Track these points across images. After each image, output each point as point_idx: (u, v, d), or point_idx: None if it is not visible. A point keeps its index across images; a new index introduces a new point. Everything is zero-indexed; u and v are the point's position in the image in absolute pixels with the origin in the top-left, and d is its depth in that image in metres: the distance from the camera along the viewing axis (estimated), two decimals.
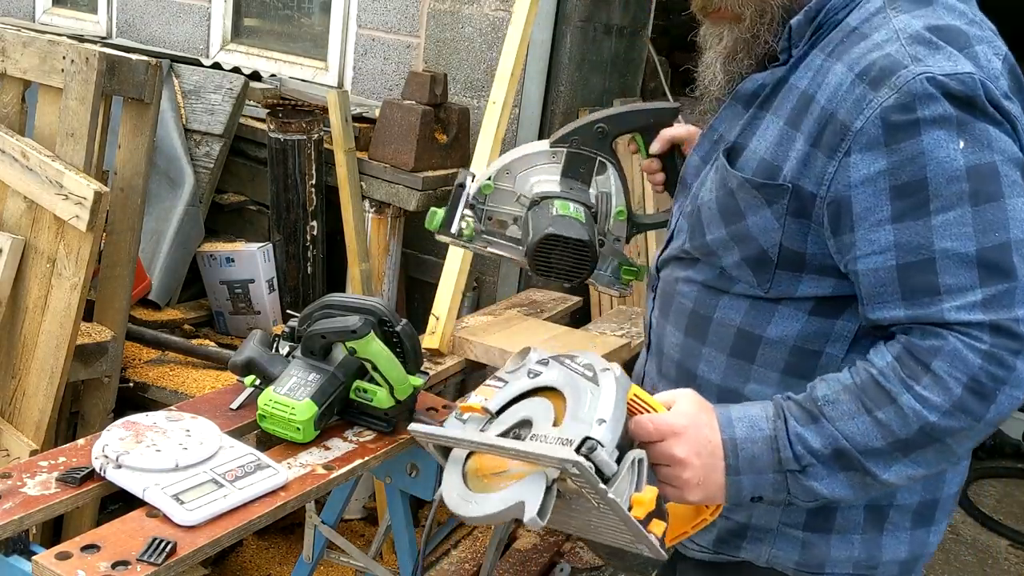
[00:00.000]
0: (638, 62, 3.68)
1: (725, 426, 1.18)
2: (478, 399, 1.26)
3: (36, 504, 1.30)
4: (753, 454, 1.17)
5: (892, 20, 1.17)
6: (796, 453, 1.15)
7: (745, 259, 1.27)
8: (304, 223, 3.17)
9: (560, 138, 1.59)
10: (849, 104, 1.13)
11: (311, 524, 2.06)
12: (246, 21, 4.07)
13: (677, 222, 1.42)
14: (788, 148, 1.20)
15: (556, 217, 1.51)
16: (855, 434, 1.13)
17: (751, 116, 1.28)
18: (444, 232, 1.63)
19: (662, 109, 1.60)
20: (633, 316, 2.84)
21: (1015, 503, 3.98)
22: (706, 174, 1.34)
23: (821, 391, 1.17)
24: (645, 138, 1.59)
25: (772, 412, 1.18)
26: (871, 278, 1.14)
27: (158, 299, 3.06)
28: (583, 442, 1.07)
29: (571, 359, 1.22)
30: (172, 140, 3.24)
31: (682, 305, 1.38)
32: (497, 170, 1.62)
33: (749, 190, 1.23)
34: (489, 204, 1.63)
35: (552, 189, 1.58)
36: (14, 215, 2.32)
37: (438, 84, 3.10)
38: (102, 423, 2.40)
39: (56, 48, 2.27)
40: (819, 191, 1.17)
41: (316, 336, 1.59)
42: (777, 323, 1.28)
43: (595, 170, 1.60)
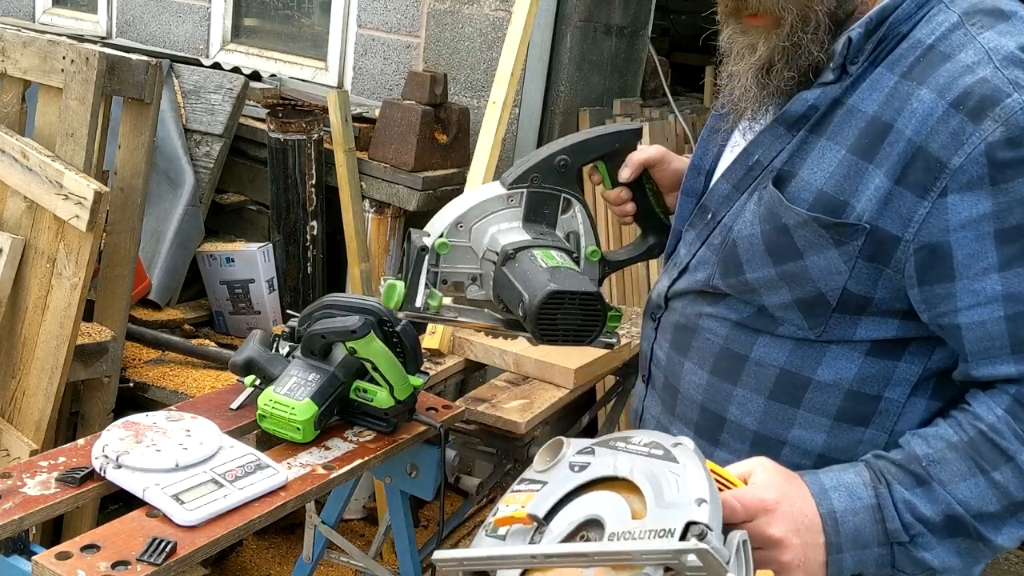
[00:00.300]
0: (638, 62, 3.68)
1: (820, 497, 1.04)
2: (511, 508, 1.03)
3: (36, 504, 1.30)
4: (856, 527, 1.03)
5: (976, 38, 1.04)
6: (905, 522, 1.03)
7: (797, 301, 1.13)
8: (304, 223, 3.17)
9: (518, 178, 1.38)
10: (944, 137, 1.00)
11: (311, 524, 2.06)
12: (246, 21, 4.07)
13: (697, 253, 1.26)
14: (858, 182, 1.05)
15: (552, 270, 1.29)
16: (969, 498, 1.02)
17: (800, 141, 1.12)
18: (408, 308, 1.37)
19: (625, 131, 1.43)
20: (633, 316, 2.83)
21: None
22: (742, 204, 1.18)
23: (921, 449, 1.05)
24: (609, 166, 1.43)
25: (869, 477, 1.05)
26: (976, 332, 1.04)
27: (158, 299, 3.06)
28: (687, 528, 0.89)
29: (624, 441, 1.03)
30: (172, 140, 3.24)
31: (708, 342, 1.24)
32: (449, 225, 1.39)
33: (815, 228, 1.08)
34: (443, 266, 1.39)
35: (520, 238, 1.36)
36: (14, 215, 2.32)
37: (438, 84, 3.10)
38: (102, 423, 2.40)
39: (56, 48, 2.27)
40: (904, 234, 1.04)
41: (316, 336, 1.59)
42: (829, 364, 1.15)
43: (560, 209, 1.41)
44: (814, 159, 1.11)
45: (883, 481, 1.05)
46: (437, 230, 1.39)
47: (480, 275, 1.41)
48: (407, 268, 1.37)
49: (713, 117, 1.35)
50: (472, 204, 1.39)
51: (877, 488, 1.04)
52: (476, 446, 2.24)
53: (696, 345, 1.26)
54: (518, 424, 2.08)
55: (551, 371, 2.29)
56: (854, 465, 1.08)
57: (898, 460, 1.06)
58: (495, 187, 1.41)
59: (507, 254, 1.34)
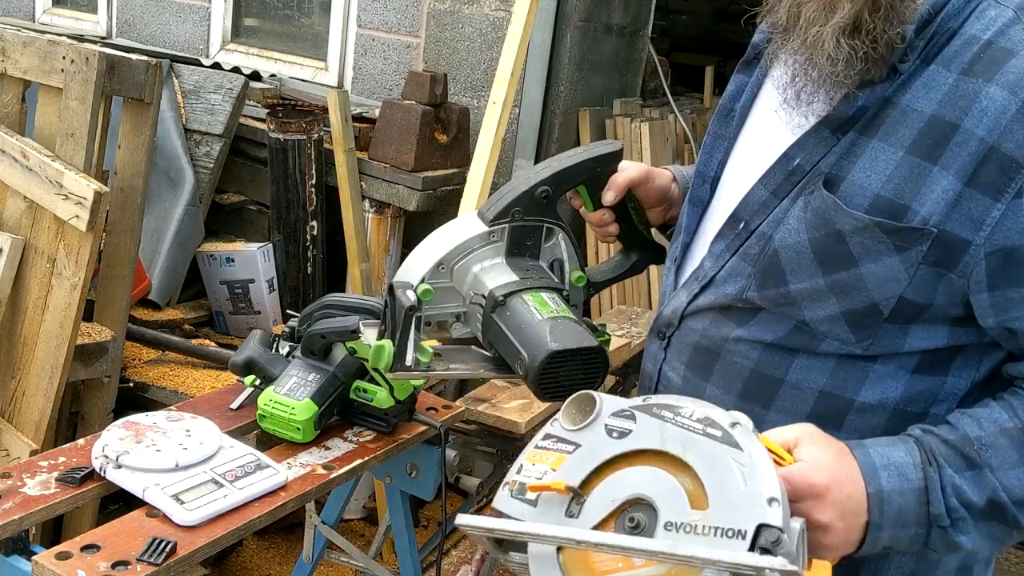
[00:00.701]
0: (638, 62, 3.68)
1: (870, 476, 1.00)
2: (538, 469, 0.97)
3: (36, 504, 1.30)
4: (900, 508, 1.00)
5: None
6: (949, 506, 1.01)
7: (845, 313, 1.07)
8: (304, 223, 3.17)
9: (499, 214, 1.33)
10: (1020, 137, 0.97)
11: (311, 524, 2.06)
12: (246, 21, 4.07)
13: (726, 265, 1.18)
14: (920, 184, 1.01)
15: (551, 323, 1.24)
16: (1015, 486, 1.00)
17: (848, 143, 1.06)
18: (399, 368, 1.30)
19: (606, 155, 1.36)
20: (633, 316, 2.83)
21: None
22: (784, 211, 1.11)
23: (973, 431, 1.02)
24: (590, 189, 1.37)
25: (920, 458, 1.02)
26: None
27: (158, 299, 3.06)
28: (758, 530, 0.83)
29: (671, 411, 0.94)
30: (172, 140, 3.24)
31: (736, 365, 1.17)
32: (430, 268, 1.33)
33: (875, 234, 1.03)
34: (425, 308, 1.32)
35: (506, 280, 1.31)
36: (14, 215, 2.32)
37: (438, 84, 3.10)
38: (102, 423, 2.40)
39: (56, 48, 2.27)
40: (975, 238, 1.00)
41: (316, 336, 1.59)
42: (873, 384, 1.10)
43: (543, 238, 1.37)
44: (866, 162, 1.05)
45: (933, 464, 1.01)
46: (417, 275, 1.33)
47: (464, 313, 1.36)
48: (394, 327, 1.29)
49: (714, 122, 1.30)
50: (452, 245, 1.34)
51: (927, 470, 1.01)
52: (476, 446, 2.24)
53: (721, 368, 1.19)
54: (518, 424, 2.08)
55: None
56: (904, 441, 1.04)
57: (951, 440, 1.02)
58: (474, 223, 1.35)
59: (496, 300, 1.29)
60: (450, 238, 1.35)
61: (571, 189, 1.37)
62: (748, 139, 1.22)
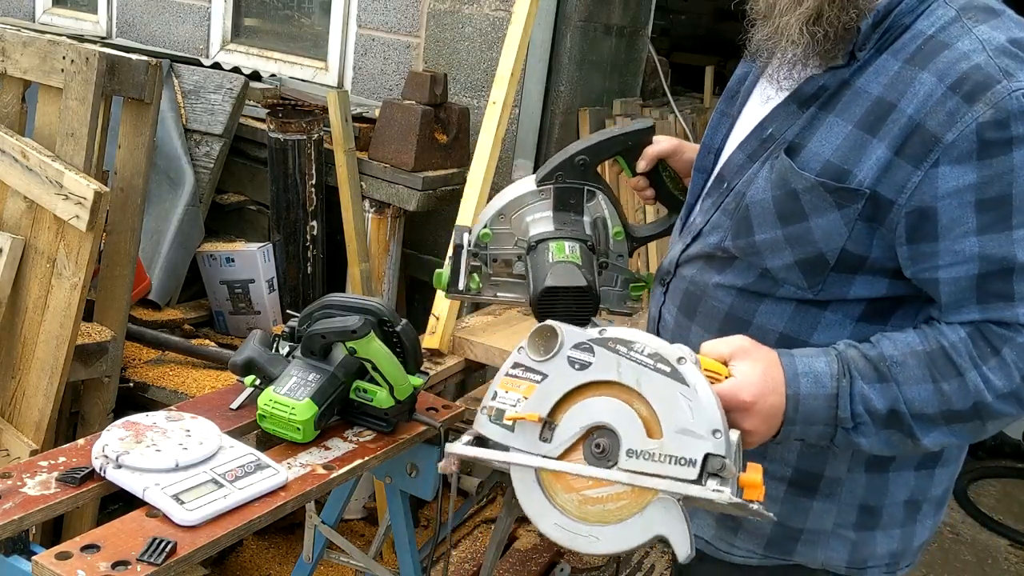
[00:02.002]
0: (638, 62, 3.68)
1: (791, 381, 1.19)
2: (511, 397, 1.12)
3: (36, 504, 1.30)
4: (812, 409, 1.19)
5: (972, 31, 1.16)
6: (854, 411, 1.18)
7: (799, 262, 1.25)
8: (304, 223, 3.17)
9: (545, 176, 1.61)
10: (941, 116, 1.12)
11: (311, 524, 2.06)
12: (246, 21, 4.07)
13: (710, 219, 1.38)
14: (861, 153, 1.18)
15: (553, 265, 1.51)
16: (915, 399, 1.17)
17: (810, 117, 1.25)
18: (453, 291, 1.65)
19: (639, 131, 1.61)
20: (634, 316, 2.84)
21: (1015, 503, 3.98)
22: (755, 172, 1.31)
23: (888, 350, 1.19)
24: (627, 159, 1.62)
25: (837, 368, 1.19)
26: (951, 287, 1.17)
27: (158, 299, 3.06)
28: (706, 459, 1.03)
29: (626, 345, 1.09)
30: (172, 140, 3.24)
31: (715, 308, 1.36)
32: (492, 216, 1.63)
33: (821, 193, 1.21)
34: (491, 249, 1.65)
35: (546, 229, 1.59)
36: (14, 215, 2.32)
37: (438, 84, 3.10)
38: (102, 423, 2.40)
39: (56, 48, 2.27)
40: (898, 199, 1.17)
41: (316, 336, 1.59)
42: (824, 330, 1.27)
43: (585, 198, 1.62)
44: (823, 133, 1.23)
45: (847, 375, 1.19)
46: (481, 221, 1.65)
47: (521, 254, 1.64)
48: (454, 258, 1.66)
49: (722, 101, 1.47)
50: (511, 198, 1.63)
51: (840, 381, 1.19)
52: None
53: (703, 311, 1.37)
54: None
55: None
56: (827, 352, 1.21)
57: (869, 355, 1.19)
58: (529, 183, 1.63)
59: (530, 245, 1.59)
60: (509, 193, 1.64)
61: (608, 159, 1.62)
62: (746, 115, 1.40)
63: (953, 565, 3.47)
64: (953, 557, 3.52)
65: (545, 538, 3.21)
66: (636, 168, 1.61)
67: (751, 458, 1.15)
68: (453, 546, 3.04)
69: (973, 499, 3.90)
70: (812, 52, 1.22)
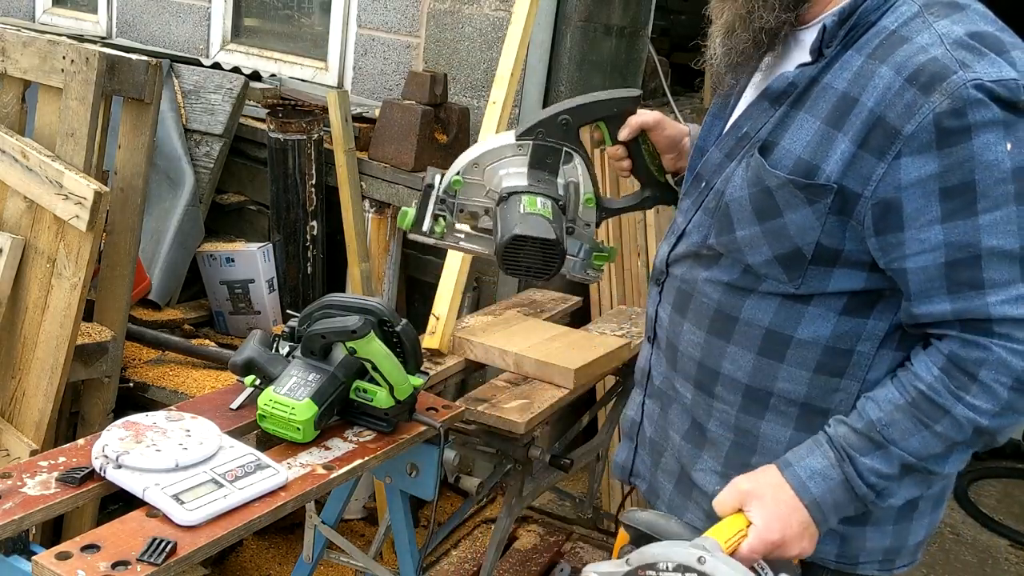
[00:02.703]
0: (638, 62, 3.68)
1: (801, 492, 1.23)
2: None
3: (36, 504, 1.30)
4: (834, 501, 1.24)
5: (932, 25, 1.18)
6: (870, 484, 1.22)
7: (777, 257, 1.28)
8: (304, 223, 3.17)
9: (526, 131, 1.58)
10: (900, 108, 1.15)
11: (311, 524, 2.06)
12: (246, 21, 4.07)
13: (693, 218, 1.41)
14: (828, 148, 1.21)
15: (523, 215, 1.50)
16: (918, 449, 1.20)
17: (782, 114, 1.28)
18: (416, 231, 1.64)
19: (625, 97, 1.61)
20: (633, 316, 2.84)
21: (1015, 503, 3.98)
22: (732, 170, 1.34)
23: (874, 414, 1.22)
24: (609, 126, 1.60)
25: (834, 457, 1.23)
26: (920, 276, 1.18)
27: (158, 299, 3.06)
28: None
29: (652, 569, 1.15)
30: (172, 140, 3.24)
31: (704, 304, 1.38)
32: (466, 164, 1.61)
33: (791, 190, 1.23)
34: (460, 198, 1.63)
35: (520, 183, 1.57)
36: (14, 215, 2.32)
37: (438, 84, 3.10)
38: (102, 423, 2.40)
39: (56, 48, 2.27)
40: (864, 191, 1.19)
41: (316, 336, 1.59)
42: (808, 324, 1.30)
43: (562, 160, 1.60)
44: (794, 130, 1.26)
45: (845, 457, 1.23)
46: (455, 168, 1.62)
47: (489, 208, 1.62)
48: (421, 199, 1.63)
49: (714, 105, 1.49)
50: (487, 149, 1.61)
51: (843, 466, 1.23)
52: (476, 446, 2.24)
53: (693, 308, 1.40)
54: (518, 424, 2.08)
55: (551, 371, 2.29)
56: (819, 445, 1.26)
57: (859, 428, 1.23)
58: (508, 136, 1.60)
59: (502, 196, 1.57)
60: (486, 144, 1.62)
61: (591, 123, 1.60)
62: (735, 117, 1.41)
63: (953, 566, 3.47)
64: (953, 557, 3.52)
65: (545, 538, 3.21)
66: (618, 136, 1.60)
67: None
68: (453, 546, 3.04)
69: (973, 499, 3.90)
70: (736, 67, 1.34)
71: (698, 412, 1.42)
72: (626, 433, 1.61)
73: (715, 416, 1.40)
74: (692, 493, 1.46)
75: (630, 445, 1.60)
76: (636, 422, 1.58)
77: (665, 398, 1.49)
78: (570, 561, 3.03)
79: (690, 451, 1.45)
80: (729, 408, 1.37)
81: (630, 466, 1.60)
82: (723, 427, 1.39)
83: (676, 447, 1.47)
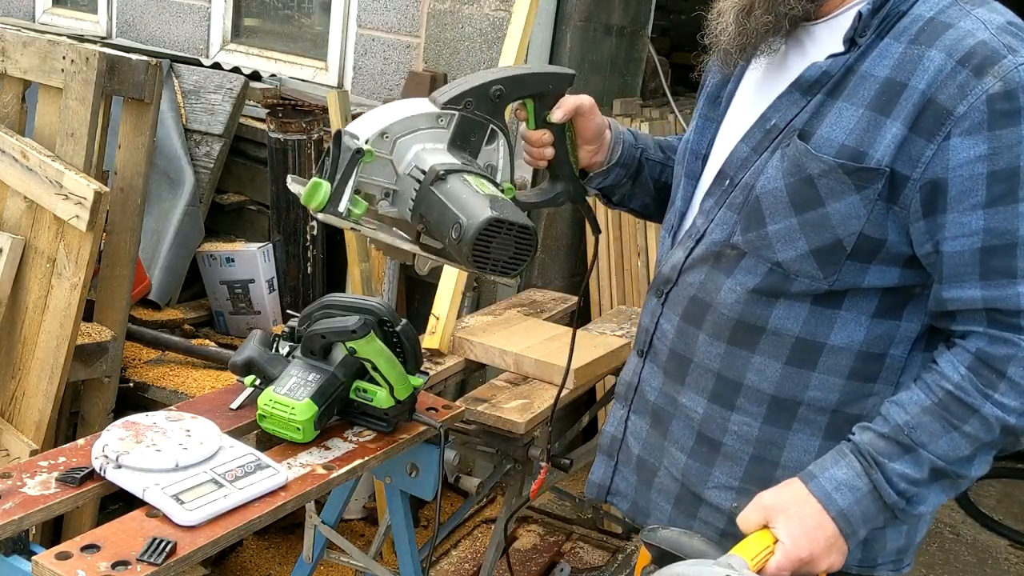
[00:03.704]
0: (638, 62, 3.68)
1: (828, 504, 1.20)
2: None
3: (36, 504, 1.30)
4: (863, 512, 1.21)
5: (971, 12, 1.19)
6: (900, 490, 1.20)
7: (813, 250, 1.24)
8: (304, 223, 3.17)
9: (452, 99, 1.34)
10: (952, 90, 1.15)
11: (311, 524, 2.06)
12: (246, 21, 4.07)
13: (714, 218, 1.35)
14: (876, 134, 1.19)
15: (491, 198, 1.27)
16: (946, 451, 1.19)
17: (817, 104, 1.25)
18: (330, 211, 1.28)
19: (562, 75, 1.43)
20: (633, 316, 2.84)
21: (1015, 503, 3.98)
22: (763, 163, 1.29)
23: (901, 417, 1.20)
24: (538, 105, 1.41)
25: (860, 467, 1.21)
26: (955, 259, 1.17)
27: (158, 299, 3.06)
28: None
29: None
30: (172, 140, 3.24)
31: (723, 316, 1.33)
32: (375, 134, 1.31)
33: (839, 175, 1.21)
34: (359, 175, 1.30)
35: (449, 160, 1.32)
36: (14, 215, 2.32)
37: (438, 84, 3.10)
38: (102, 423, 2.40)
39: (56, 48, 2.27)
40: (913, 173, 1.18)
41: (316, 336, 1.59)
42: (841, 329, 1.27)
43: (485, 139, 1.38)
44: (832, 119, 1.23)
45: (873, 464, 1.20)
46: (364, 134, 1.30)
47: (395, 192, 1.35)
48: (334, 168, 1.28)
49: (704, 106, 1.45)
50: (401, 117, 1.33)
51: (870, 474, 1.20)
52: (476, 446, 2.24)
53: (712, 318, 1.34)
54: (518, 424, 2.08)
55: (551, 371, 2.29)
56: (843, 455, 1.22)
57: (885, 433, 1.21)
58: (425, 103, 1.35)
59: (437, 174, 1.29)
60: (400, 110, 1.34)
61: (522, 98, 1.41)
62: (731, 118, 1.40)
63: (953, 566, 3.47)
64: (953, 557, 3.52)
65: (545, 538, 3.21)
66: (549, 117, 1.42)
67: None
68: (453, 546, 3.04)
69: (973, 499, 3.90)
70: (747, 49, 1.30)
71: (709, 427, 1.37)
72: (604, 450, 1.56)
73: (732, 430, 1.35)
74: (698, 511, 1.41)
75: (609, 462, 1.54)
76: (617, 439, 1.52)
77: (662, 414, 1.43)
78: (570, 561, 3.03)
79: (698, 469, 1.40)
80: (751, 420, 1.33)
81: (608, 484, 1.55)
82: (741, 440, 1.35)
83: (677, 465, 1.42)
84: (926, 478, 1.19)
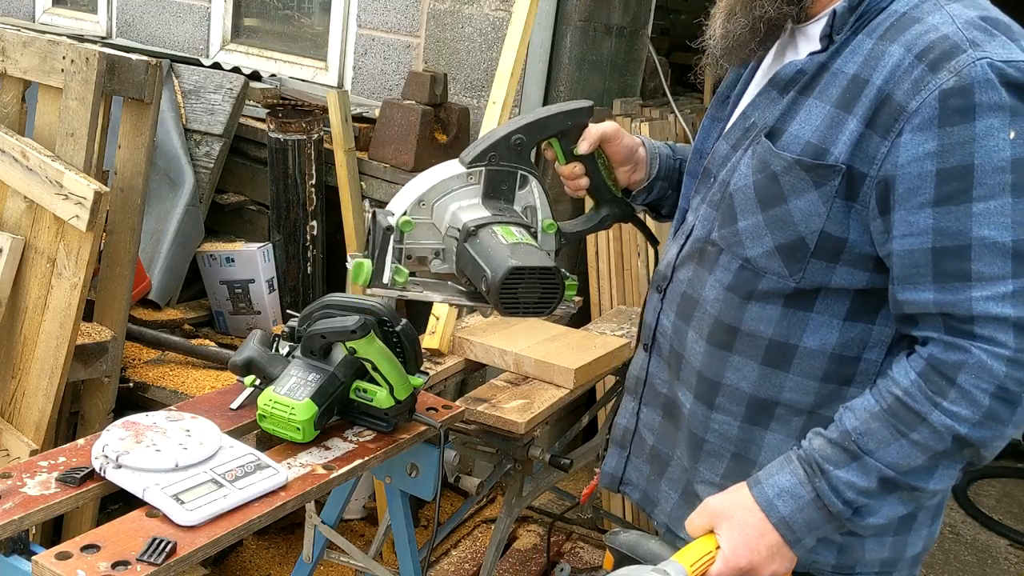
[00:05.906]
0: (638, 62, 3.68)
1: (769, 512, 1.20)
2: None
3: (36, 504, 1.30)
4: (806, 519, 1.19)
5: (944, 7, 1.17)
6: (845, 499, 1.17)
7: (778, 247, 1.24)
8: (304, 223, 3.17)
9: (476, 157, 1.44)
10: (907, 85, 1.13)
11: (311, 524, 2.06)
12: (246, 21, 4.07)
13: (701, 214, 1.37)
14: (838, 130, 1.18)
15: (511, 247, 1.36)
16: (895, 460, 1.15)
17: (790, 101, 1.25)
18: (376, 284, 1.42)
19: (579, 109, 1.49)
20: (633, 316, 2.84)
21: (1015, 503, 3.98)
22: (738, 160, 1.31)
23: (850, 423, 1.18)
24: (563, 142, 1.49)
25: (804, 474, 1.19)
26: (906, 259, 1.15)
27: (158, 299, 3.06)
28: None
29: None
30: (172, 140, 3.24)
31: (707, 313, 1.34)
32: (412, 203, 1.44)
33: (798, 172, 1.20)
34: (407, 242, 1.44)
35: (480, 215, 1.42)
36: (14, 215, 2.32)
37: (438, 84, 3.10)
38: (102, 423, 2.40)
39: (56, 48, 2.27)
40: (870, 171, 1.16)
41: (316, 336, 1.59)
42: (813, 332, 1.26)
43: (517, 185, 1.47)
44: (803, 116, 1.23)
45: (817, 471, 1.18)
46: (400, 208, 1.43)
47: (443, 250, 1.46)
48: (373, 247, 1.42)
49: (713, 106, 1.47)
50: (433, 183, 1.44)
51: (814, 482, 1.18)
52: (476, 446, 2.24)
53: (698, 315, 1.36)
54: (518, 424, 2.08)
55: (551, 371, 2.29)
56: (790, 461, 1.22)
57: (834, 439, 1.19)
58: (455, 166, 1.45)
59: (468, 231, 1.40)
60: (431, 177, 1.45)
61: (545, 140, 1.48)
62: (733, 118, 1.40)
63: (953, 565, 3.47)
64: (953, 557, 3.52)
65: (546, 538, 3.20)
66: (576, 151, 1.48)
67: None
68: (453, 546, 3.04)
69: (973, 499, 3.90)
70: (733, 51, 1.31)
71: (695, 424, 1.38)
72: (617, 441, 1.57)
73: (713, 428, 1.36)
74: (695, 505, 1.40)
75: (621, 453, 1.56)
76: (630, 430, 1.53)
77: (672, 407, 1.45)
78: (570, 561, 3.03)
79: (689, 463, 1.42)
80: (731, 419, 1.34)
81: (620, 474, 1.56)
82: (722, 439, 1.36)
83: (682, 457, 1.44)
84: (875, 487, 1.16)
